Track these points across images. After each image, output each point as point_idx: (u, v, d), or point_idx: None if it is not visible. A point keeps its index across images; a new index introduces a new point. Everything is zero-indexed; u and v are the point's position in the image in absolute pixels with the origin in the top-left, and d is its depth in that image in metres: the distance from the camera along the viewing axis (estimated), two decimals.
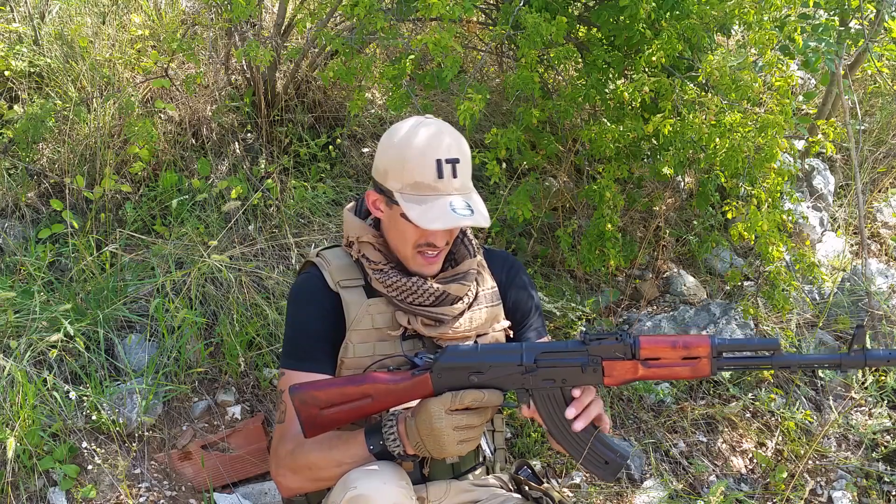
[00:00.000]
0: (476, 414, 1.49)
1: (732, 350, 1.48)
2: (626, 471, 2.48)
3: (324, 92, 3.32)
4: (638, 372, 1.48)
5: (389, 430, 1.52)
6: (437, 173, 1.55)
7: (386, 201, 1.61)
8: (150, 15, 3.43)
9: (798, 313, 2.99)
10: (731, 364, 1.48)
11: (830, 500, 2.52)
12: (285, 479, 1.61)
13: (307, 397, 1.51)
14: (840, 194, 4.08)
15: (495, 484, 1.73)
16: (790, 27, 2.64)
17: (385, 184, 1.58)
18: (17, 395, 2.01)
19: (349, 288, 1.65)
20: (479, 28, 3.59)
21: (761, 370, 1.52)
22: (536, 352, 1.51)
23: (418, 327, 1.63)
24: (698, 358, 1.46)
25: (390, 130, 1.62)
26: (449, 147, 1.58)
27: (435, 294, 1.63)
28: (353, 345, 1.62)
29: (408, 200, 1.54)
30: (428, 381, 1.50)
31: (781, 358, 1.45)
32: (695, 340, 1.46)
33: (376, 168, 1.62)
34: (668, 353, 1.47)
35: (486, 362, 1.50)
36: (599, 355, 1.49)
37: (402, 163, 1.56)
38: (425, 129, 1.59)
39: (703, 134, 2.61)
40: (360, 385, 1.52)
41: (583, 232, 2.98)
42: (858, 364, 1.42)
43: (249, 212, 2.87)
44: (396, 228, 1.62)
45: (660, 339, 1.49)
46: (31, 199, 2.84)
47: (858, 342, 1.41)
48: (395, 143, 1.58)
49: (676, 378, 1.50)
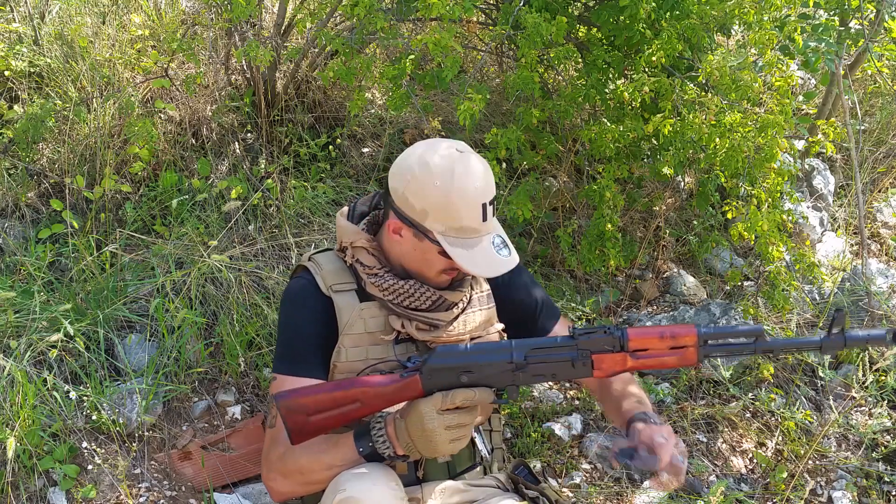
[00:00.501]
0: (467, 412, 1.49)
1: (718, 338, 1.49)
2: (625, 471, 2.48)
3: (324, 92, 3.32)
4: (627, 363, 1.50)
5: (378, 432, 1.52)
6: (481, 217, 1.56)
7: (415, 234, 1.58)
8: (150, 15, 3.43)
9: (798, 313, 2.98)
10: (716, 351, 1.50)
11: (830, 500, 2.52)
12: (276, 484, 1.61)
13: (293, 404, 1.50)
14: (840, 194, 4.08)
15: (491, 484, 1.73)
16: (790, 27, 2.64)
17: (423, 223, 1.56)
18: (17, 395, 2.02)
19: (341, 292, 1.65)
20: (479, 28, 3.59)
21: (746, 356, 1.54)
22: (526, 349, 1.51)
23: (412, 331, 1.63)
24: (685, 347, 1.48)
25: (423, 165, 1.55)
26: (487, 186, 1.58)
27: (431, 298, 1.64)
28: (346, 349, 1.62)
29: (453, 245, 1.54)
30: (417, 383, 1.49)
31: (764, 343, 1.47)
32: (681, 330, 1.48)
33: (409, 205, 1.56)
34: (656, 344, 1.49)
35: (475, 362, 1.50)
36: (589, 349, 1.50)
37: (446, 207, 1.53)
38: (465, 170, 1.55)
39: (703, 134, 2.61)
40: (349, 390, 1.51)
41: (583, 232, 2.98)
42: (838, 346, 1.45)
43: (249, 212, 2.87)
44: (423, 259, 1.61)
45: (647, 330, 1.51)
46: (31, 199, 2.84)
47: (837, 325, 1.43)
48: (439, 185, 1.53)
49: (664, 367, 1.51)
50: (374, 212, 1.75)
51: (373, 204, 1.76)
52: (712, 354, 1.50)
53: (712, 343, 1.49)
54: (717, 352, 1.50)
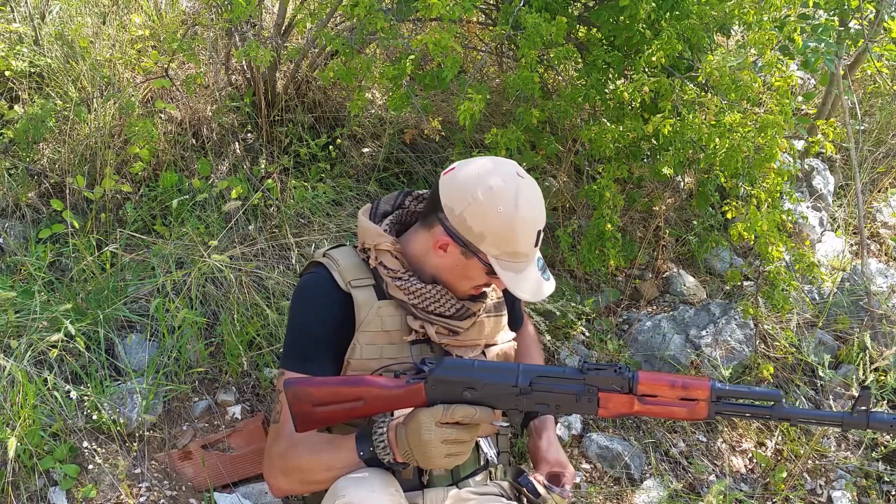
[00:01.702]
0: (466, 430, 1.47)
1: (732, 396, 1.45)
2: (625, 470, 2.48)
3: (324, 92, 3.32)
4: (633, 407, 1.47)
5: (380, 436, 1.51)
6: (535, 242, 1.58)
7: (464, 252, 1.58)
8: (151, 15, 3.43)
9: (798, 313, 2.99)
10: (729, 410, 1.46)
11: (830, 499, 2.52)
12: (276, 480, 1.61)
13: (301, 392, 1.50)
14: (840, 194, 4.09)
15: (494, 491, 1.71)
16: (790, 27, 2.64)
17: (479, 245, 1.55)
18: (17, 395, 2.02)
19: (360, 288, 1.64)
20: (479, 28, 3.59)
21: (761, 420, 1.51)
22: (533, 374, 1.49)
23: (431, 334, 1.63)
24: (696, 400, 1.45)
25: (488, 190, 1.53)
26: (542, 213, 1.59)
27: (455, 306, 1.64)
28: (361, 346, 1.62)
29: (505, 269, 1.55)
30: (422, 391, 1.48)
31: (782, 410, 1.43)
32: (695, 382, 1.45)
33: (467, 226, 1.55)
34: (666, 392, 1.46)
35: (480, 379, 1.48)
36: (596, 385, 1.48)
37: (508, 235, 1.54)
38: (528, 198, 1.56)
39: (702, 134, 2.62)
40: (355, 387, 1.51)
41: (583, 232, 2.98)
42: (860, 426, 1.42)
43: (249, 212, 2.87)
44: (465, 273, 1.61)
45: (659, 376, 1.47)
46: (32, 199, 2.85)
47: (863, 404, 1.40)
48: (502, 212, 1.52)
49: (672, 417, 1.48)
50: (397, 211, 1.74)
51: (396, 203, 1.75)
52: (724, 413, 1.47)
53: (725, 402, 1.45)
54: (730, 411, 1.47)
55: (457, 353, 1.66)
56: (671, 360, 2.85)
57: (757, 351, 2.92)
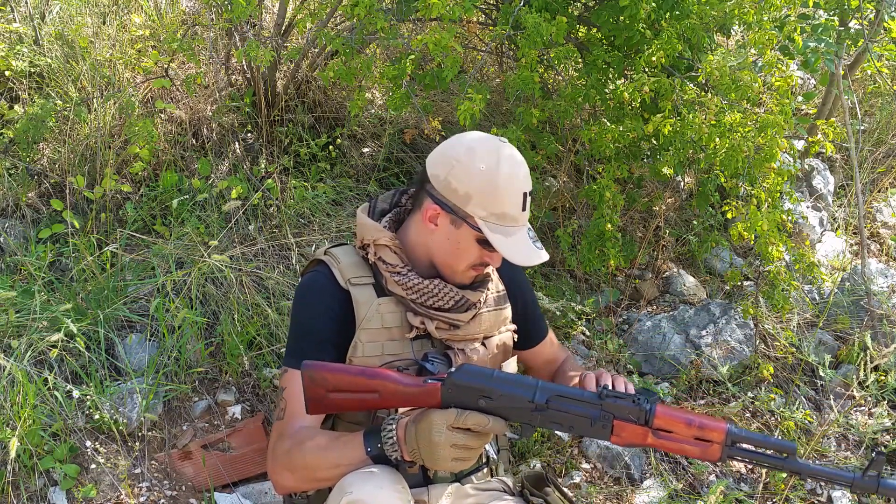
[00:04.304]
0: (476, 437, 1.47)
1: (747, 442, 1.45)
2: (625, 470, 2.48)
3: (324, 92, 3.32)
4: (647, 439, 1.47)
5: (388, 434, 1.51)
6: (521, 205, 1.58)
7: (453, 220, 1.59)
8: (151, 15, 3.43)
9: (798, 313, 2.99)
10: (742, 455, 1.45)
11: (830, 499, 2.52)
12: (281, 478, 1.61)
13: (318, 376, 1.50)
14: (840, 194, 4.09)
15: (497, 487, 1.72)
16: (790, 27, 2.64)
17: (465, 207, 1.56)
18: (17, 395, 2.02)
19: (360, 286, 1.65)
20: (479, 28, 3.59)
21: (773, 469, 1.51)
22: (550, 393, 1.49)
23: (431, 329, 1.63)
24: (710, 442, 1.44)
25: (469, 150, 1.58)
26: (527, 177, 1.60)
27: (454, 299, 1.64)
28: (363, 343, 1.62)
29: (494, 231, 1.56)
30: (437, 392, 1.48)
31: (795, 464, 1.43)
32: (711, 424, 1.44)
33: (452, 189, 1.57)
34: (682, 429, 1.45)
35: (497, 390, 1.47)
36: (612, 413, 1.47)
37: (492, 192, 1.55)
38: (509, 157, 1.58)
39: (703, 134, 2.62)
40: (371, 379, 1.50)
41: (583, 232, 2.98)
42: (870, 489, 1.41)
43: (250, 212, 2.87)
44: (457, 247, 1.61)
45: (677, 413, 1.47)
46: (32, 199, 2.85)
47: (875, 468, 1.40)
48: (483, 169, 1.55)
49: (684, 454, 1.48)
50: (395, 209, 1.75)
51: (393, 202, 1.76)
52: (736, 457, 1.46)
53: (739, 446, 1.45)
54: (744, 456, 1.46)
55: (458, 347, 1.67)
56: (671, 360, 2.85)
57: (757, 351, 2.92)
